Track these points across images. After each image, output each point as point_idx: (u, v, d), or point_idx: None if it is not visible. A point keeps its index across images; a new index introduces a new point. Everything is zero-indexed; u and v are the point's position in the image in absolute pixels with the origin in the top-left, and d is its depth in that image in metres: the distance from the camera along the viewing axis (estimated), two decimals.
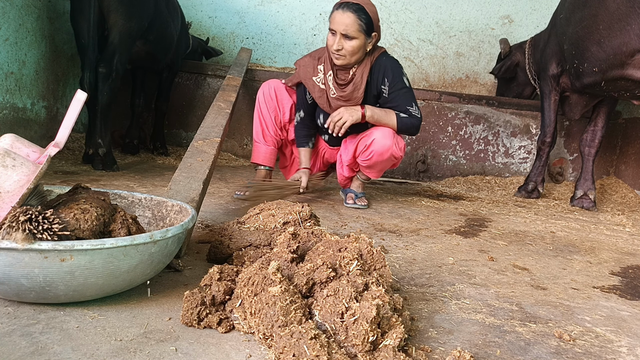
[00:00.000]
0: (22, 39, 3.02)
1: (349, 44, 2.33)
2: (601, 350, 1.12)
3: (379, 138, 2.46)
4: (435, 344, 1.06)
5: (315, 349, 0.82)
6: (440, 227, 2.36)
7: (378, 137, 2.46)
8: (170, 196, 1.55)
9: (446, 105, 4.44)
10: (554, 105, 3.71)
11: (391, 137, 2.47)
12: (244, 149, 4.44)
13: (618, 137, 4.48)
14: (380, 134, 2.47)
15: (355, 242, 1.12)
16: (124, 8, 2.98)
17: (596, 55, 3.01)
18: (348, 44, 2.33)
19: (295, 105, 2.71)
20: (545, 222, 2.79)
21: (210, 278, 1.09)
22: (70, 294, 0.99)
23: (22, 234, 0.91)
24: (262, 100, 2.72)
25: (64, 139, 1.10)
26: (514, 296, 1.43)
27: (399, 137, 2.55)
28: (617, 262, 2.01)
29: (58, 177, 2.58)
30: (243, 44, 5.40)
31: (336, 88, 2.49)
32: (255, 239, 1.41)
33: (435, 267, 1.66)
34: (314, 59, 2.57)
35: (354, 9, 2.30)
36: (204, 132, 2.24)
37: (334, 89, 2.49)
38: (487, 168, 4.49)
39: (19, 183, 1.02)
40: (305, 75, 2.56)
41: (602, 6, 2.87)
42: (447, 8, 5.45)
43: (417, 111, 2.51)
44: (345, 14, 2.30)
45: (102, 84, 2.92)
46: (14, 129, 3.01)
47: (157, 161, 3.76)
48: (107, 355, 0.86)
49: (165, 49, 3.71)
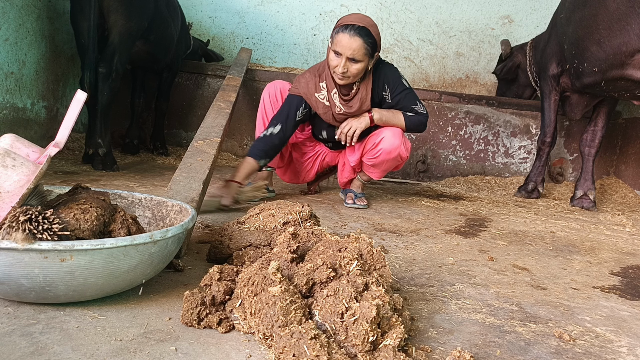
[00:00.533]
0: (22, 39, 3.02)
1: (355, 67, 2.31)
2: (601, 350, 1.12)
3: (388, 137, 2.49)
4: (435, 344, 1.06)
5: (315, 349, 0.82)
6: (440, 227, 2.36)
7: (387, 136, 2.49)
8: (170, 196, 1.55)
9: (446, 105, 4.44)
10: (554, 105, 3.71)
11: (400, 136, 2.51)
12: (244, 149, 4.44)
13: (618, 137, 4.48)
14: (390, 132, 2.50)
15: (355, 242, 1.12)
16: (124, 8, 2.98)
17: (596, 55, 3.01)
18: (353, 67, 2.31)
19: (272, 118, 2.55)
20: (545, 222, 2.79)
21: (210, 278, 1.09)
22: (70, 294, 0.99)
23: (22, 234, 0.91)
24: (267, 100, 2.71)
25: (64, 139, 1.10)
26: (514, 296, 1.43)
27: (406, 139, 2.59)
28: (617, 262, 2.01)
29: (58, 177, 2.58)
30: (243, 44, 5.40)
31: (343, 105, 2.49)
32: (255, 239, 1.41)
33: (435, 267, 1.66)
34: (314, 75, 2.53)
35: (362, 34, 2.25)
36: (204, 132, 2.24)
37: (341, 106, 2.49)
38: (487, 168, 4.50)
39: (19, 183, 1.02)
40: (308, 91, 2.52)
41: (602, 6, 2.87)
42: (447, 8, 5.45)
43: (422, 108, 2.55)
44: (352, 38, 2.24)
45: (102, 84, 2.92)
46: (14, 129, 3.01)
47: (157, 161, 3.76)
48: (107, 355, 0.86)
49: (166, 49, 3.71)
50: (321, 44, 5.47)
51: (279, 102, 2.68)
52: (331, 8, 5.42)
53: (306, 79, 2.54)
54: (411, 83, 5.44)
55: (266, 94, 2.72)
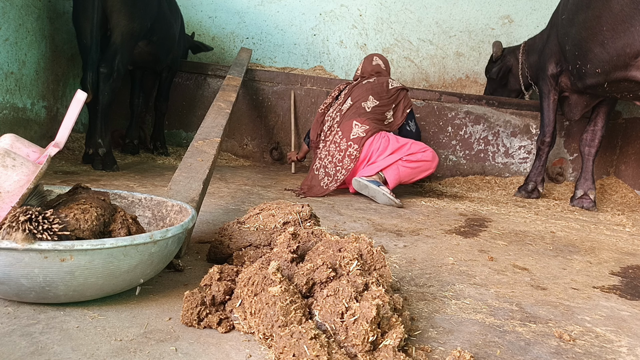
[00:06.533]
0: (22, 39, 3.02)
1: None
2: (601, 350, 1.12)
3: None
4: (435, 344, 1.06)
5: (315, 349, 0.82)
6: (440, 227, 2.36)
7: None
8: (170, 196, 1.55)
9: (446, 105, 4.44)
10: (553, 105, 3.71)
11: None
12: (244, 149, 4.44)
13: (618, 137, 4.48)
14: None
15: (355, 242, 1.12)
16: (127, 9, 2.98)
17: (599, 57, 3.00)
18: None
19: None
20: (545, 222, 2.79)
21: (210, 278, 1.09)
22: (70, 294, 0.99)
23: (22, 234, 0.91)
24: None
25: (64, 139, 1.10)
26: (514, 296, 1.43)
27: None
28: (617, 262, 2.01)
29: (58, 177, 2.58)
30: (243, 44, 5.40)
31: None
32: (255, 239, 1.41)
33: (435, 267, 1.66)
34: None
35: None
36: (204, 132, 2.23)
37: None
38: (487, 168, 4.49)
39: (19, 183, 1.02)
40: None
41: (606, 8, 2.87)
42: (447, 8, 5.45)
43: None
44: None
45: (103, 84, 2.92)
46: (14, 129, 3.01)
47: (157, 161, 3.76)
48: (107, 355, 0.86)
49: (168, 50, 3.71)
50: (321, 44, 5.47)
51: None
52: (331, 8, 5.42)
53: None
54: (411, 83, 5.48)
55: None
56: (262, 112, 4.40)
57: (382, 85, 3.19)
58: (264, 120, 4.41)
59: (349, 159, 2.98)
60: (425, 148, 3.05)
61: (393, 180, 2.97)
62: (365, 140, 2.99)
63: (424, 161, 3.03)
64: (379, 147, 2.99)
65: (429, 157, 3.03)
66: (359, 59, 5.47)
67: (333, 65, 5.49)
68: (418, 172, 3.04)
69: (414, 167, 3.01)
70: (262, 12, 5.38)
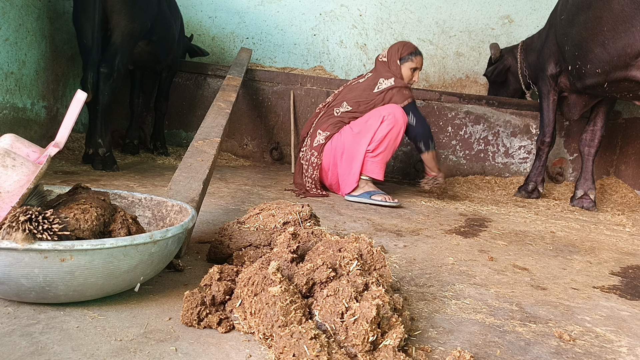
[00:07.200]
0: (22, 39, 3.02)
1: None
2: (601, 350, 1.12)
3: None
4: (435, 344, 1.06)
5: (315, 349, 0.82)
6: (440, 227, 2.36)
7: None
8: (170, 196, 1.55)
9: (446, 105, 4.44)
10: (552, 105, 3.71)
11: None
12: (244, 149, 4.44)
13: (618, 137, 4.48)
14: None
15: (355, 242, 1.12)
16: (127, 9, 2.98)
17: (600, 57, 3.00)
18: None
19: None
20: (545, 222, 2.79)
21: (210, 278, 1.09)
22: (70, 294, 0.99)
23: (22, 234, 0.91)
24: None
25: (64, 139, 1.10)
26: (514, 296, 1.43)
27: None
28: (617, 262, 2.01)
29: (58, 177, 2.58)
30: (243, 44, 5.40)
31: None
32: (255, 239, 1.41)
33: (435, 267, 1.66)
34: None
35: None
36: (204, 132, 2.23)
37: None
38: (487, 168, 4.49)
39: (19, 183, 1.02)
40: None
41: (607, 8, 2.87)
42: (447, 8, 5.45)
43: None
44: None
45: (104, 84, 2.92)
46: (14, 129, 3.01)
47: (157, 161, 3.76)
48: (107, 355, 0.86)
49: (168, 50, 3.71)
50: (321, 44, 5.47)
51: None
52: (331, 8, 5.42)
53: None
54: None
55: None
56: (262, 112, 4.40)
57: (368, 89, 3.08)
58: (264, 120, 4.41)
59: (312, 168, 3.05)
60: (382, 117, 2.89)
61: (377, 172, 2.93)
62: (324, 146, 3.03)
63: (389, 132, 2.87)
64: (340, 146, 3.00)
65: (391, 123, 2.87)
66: (359, 59, 5.48)
67: (333, 65, 5.49)
68: (391, 145, 2.92)
69: (383, 148, 2.90)
70: (262, 12, 5.38)
